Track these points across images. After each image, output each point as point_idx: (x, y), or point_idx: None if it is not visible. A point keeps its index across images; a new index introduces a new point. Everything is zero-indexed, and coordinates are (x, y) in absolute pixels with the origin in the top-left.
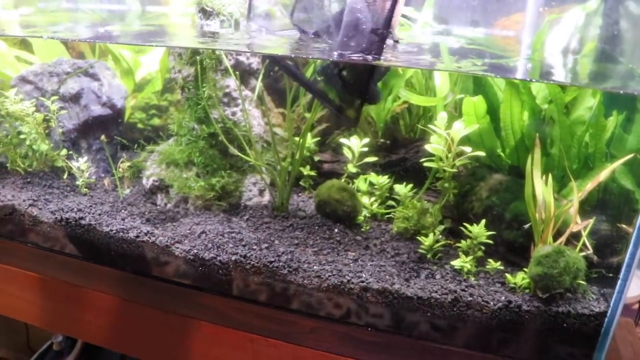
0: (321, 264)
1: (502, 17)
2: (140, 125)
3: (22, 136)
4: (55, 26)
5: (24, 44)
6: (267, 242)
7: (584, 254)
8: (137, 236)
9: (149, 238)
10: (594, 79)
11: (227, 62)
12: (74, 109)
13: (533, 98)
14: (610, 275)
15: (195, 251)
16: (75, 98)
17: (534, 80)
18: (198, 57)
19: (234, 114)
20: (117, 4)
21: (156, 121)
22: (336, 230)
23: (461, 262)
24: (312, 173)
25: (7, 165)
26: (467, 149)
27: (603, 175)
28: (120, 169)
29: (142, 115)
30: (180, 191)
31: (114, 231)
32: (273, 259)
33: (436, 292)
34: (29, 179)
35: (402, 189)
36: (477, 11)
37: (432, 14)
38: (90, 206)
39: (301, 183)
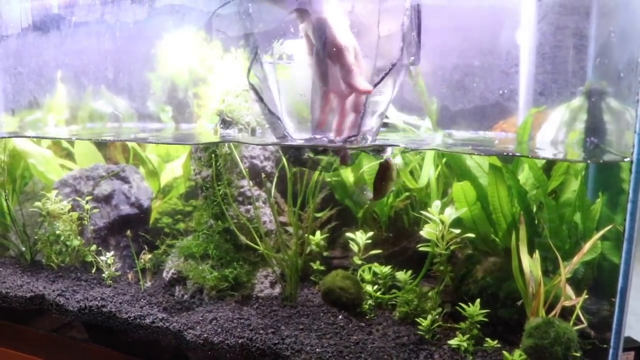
0: (323, 346)
1: (500, 120)
2: (167, 230)
3: (57, 232)
4: (97, 136)
5: (70, 156)
6: (274, 327)
7: (578, 327)
8: (153, 322)
9: (164, 324)
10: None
11: (242, 165)
12: (105, 209)
13: (517, 181)
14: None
15: (206, 335)
16: (107, 199)
17: (509, 154)
18: (214, 158)
19: (247, 211)
20: (157, 123)
21: (181, 225)
22: (340, 316)
23: (458, 341)
24: (322, 268)
25: (43, 261)
26: (458, 232)
27: (586, 248)
28: (142, 260)
29: (169, 220)
30: (196, 281)
31: (132, 318)
32: (277, 342)
33: None
34: (60, 273)
35: (402, 276)
36: (477, 116)
37: (434, 121)
38: (113, 296)
39: (312, 278)
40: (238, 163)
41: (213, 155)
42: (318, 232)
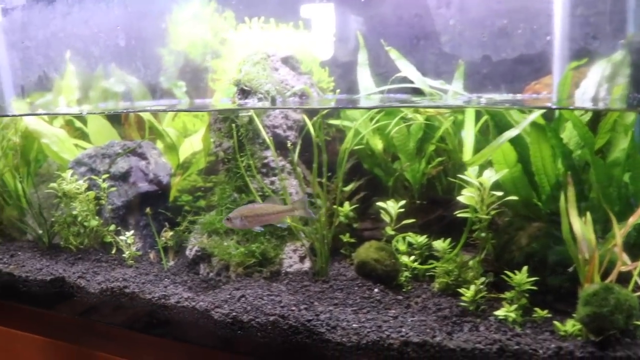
0: (360, 321)
1: (532, 81)
2: (187, 208)
3: (74, 212)
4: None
5: (83, 136)
6: (306, 303)
7: (638, 294)
8: (178, 302)
9: (189, 303)
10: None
11: (265, 134)
12: (123, 187)
13: (560, 140)
14: None
15: (234, 314)
16: (124, 176)
17: (553, 107)
18: (235, 129)
19: (272, 183)
20: (170, 100)
21: (202, 202)
22: (376, 290)
23: (505, 311)
24: (352, 240)
25: (61, 243)
26: (501, 194)
27: None
28: (164, 238)
29: (189, 197)
30: (221, 258)
31: (155, 298)
32: (311, 318)
33: (480, 342)
34: (79, 255)
35: (441, 244)
36: (507, 78)
37: (462, 84)
38: (135, 276)
39: (342, 251)
40: (261, 132)
41: (234, 125)
42: (347, 203)
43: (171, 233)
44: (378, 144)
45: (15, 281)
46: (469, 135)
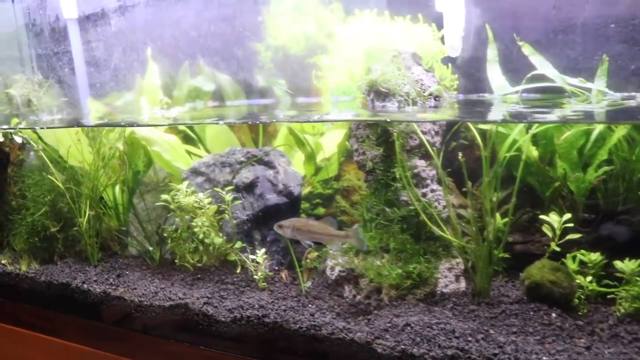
0: (550, 353)
1: None
2: (303, 216)
3: (196, 229)
4: (213, 119)
5: (188, 140)
6: (482, 332)
7: None
8: (332, 333)
9: (346, 335)
10: None
11: (423, 137)
12: (247, 199)
13: None
14: None
15: (402, 347)
16: (249, 187)
17: None
18: (396, 136)
19: (424, 195)
20: (268, 100)
21: (321, 211)
22: (554, 314)
23: None
24: (506, 255)
25: (175, 261)
26: None
27: None
28: (308, 260)
29: (306, 205)
30: (373, 279)
31: (304, 329)
32: (496, 351)
33: None
34: (198, 275)
35: (629, 265)
36: None
37: (605, 82)
38: (272, 302)
39: (495, 267)
40: (422, 141)
41: (395, 133)
42: (498, 215)
43: (317, 254)
44: (533, 151)
45: (127, 306)
46: None
